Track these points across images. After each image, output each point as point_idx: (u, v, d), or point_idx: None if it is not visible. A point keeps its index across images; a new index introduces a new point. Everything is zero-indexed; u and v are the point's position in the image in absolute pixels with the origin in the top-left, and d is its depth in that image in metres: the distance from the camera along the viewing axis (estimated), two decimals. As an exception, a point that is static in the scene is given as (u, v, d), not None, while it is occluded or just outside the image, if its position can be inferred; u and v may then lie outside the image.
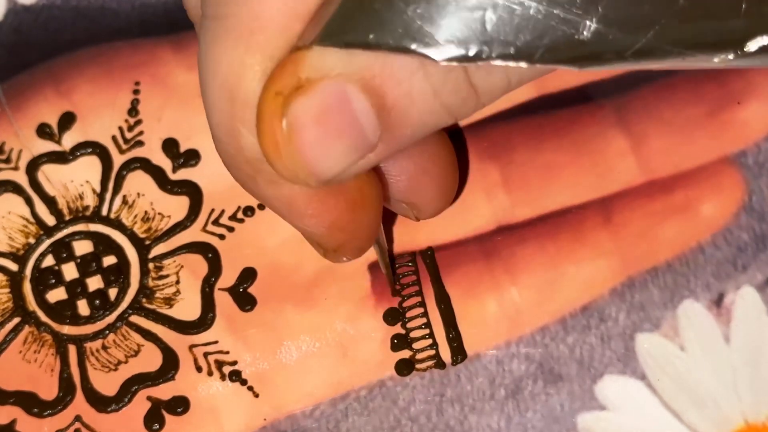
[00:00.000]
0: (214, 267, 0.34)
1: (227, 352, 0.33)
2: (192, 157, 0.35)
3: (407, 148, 0.27)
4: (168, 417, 0.33)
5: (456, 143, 0.35)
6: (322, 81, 0.24)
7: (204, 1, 0.26)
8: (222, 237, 0.34)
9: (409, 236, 0.34)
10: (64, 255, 0.34)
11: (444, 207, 0.33)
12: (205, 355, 0.33)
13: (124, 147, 0.35)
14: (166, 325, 0.34)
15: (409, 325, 0.33)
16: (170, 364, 0.33)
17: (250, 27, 0.25)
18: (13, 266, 0.34)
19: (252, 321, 0.33)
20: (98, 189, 0.35)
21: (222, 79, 0.26)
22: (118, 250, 0.34)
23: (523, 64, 0.23)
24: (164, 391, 0.33)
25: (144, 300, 0.34)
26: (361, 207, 0.29)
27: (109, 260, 0.34)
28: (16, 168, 0.35)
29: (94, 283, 0.34)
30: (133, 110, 0.36)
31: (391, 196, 0.31)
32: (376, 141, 0.25)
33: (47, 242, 0.35)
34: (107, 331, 0.34)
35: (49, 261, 0.34)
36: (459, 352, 0.33)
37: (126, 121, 0.36)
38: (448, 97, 0.25)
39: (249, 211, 0.34)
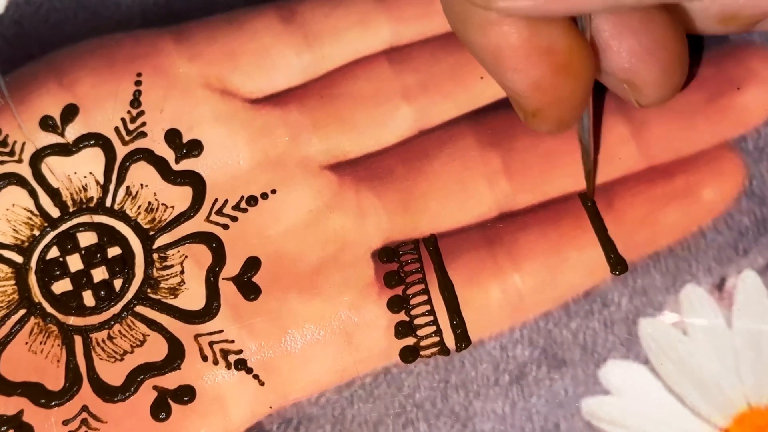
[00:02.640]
0: (219, 256, 0.34)
1: (232, 341, 0.33)
2: (194, 148, 0.35)
3: (613, 17, 0.27)
4: (174, 406, 0.33)
5: (457, 131, 0.35)
6: None
7: None
8: (226, 227, 0.35)
9: (412, 224, 0.34)
10: (69, 246, 0.35)
11: (668, 96, 0.32)
12: (211, 344, 0.33)
13: (127, 138, 0.35)
14: (171, 314, 0.34)
15: (413, 312, 0.33)
16: (176, 353, 0.33)
17: None
18: (19, 258, 0.35)
19: (257, 310, 0.34)
20: (102, 180, 0.35)
21: None
22: (122, 241, 0.35)
23: None
24: (170, 381, 0.33)
25: (149, 290, 0.34)
26: (566, 71, 0.29)
27: (113, 251, 0.35)
28: (19, 160, 0.35)
29: (99, 274, 0.34)
30: (135, 101, 0.36)
31: (611, 72, 0.31)
32: None
33: (52, 234, 0.35)
34: (113, 322, 0.34)
35: (53, 253, 0.35)
36: (463, 339, 0.33)
37: (128, 112, 0.36)
38: None
39: (252, 200, 0.35)
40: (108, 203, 0.35)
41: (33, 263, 0.35)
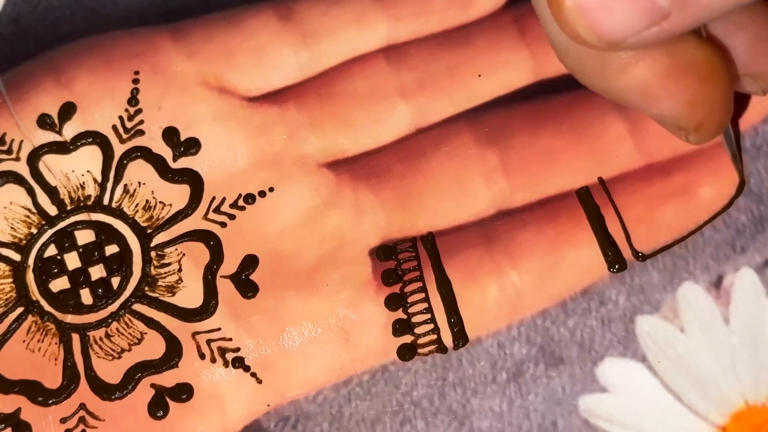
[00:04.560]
0: (216, 254, 0.34)
1: (230, 339, 0.33)
2: (192, 146, 0.35)
3: (720, 19, 0.28)
4: (172, 404, 0.33)
5: (454, 129, 0.35)
6: None
7: None
8: (223, 225, 0.35)
9: (409, 222, 0.34)
10: (67, 244, 0.35)
11: None
12: (208, 342, 0.33)
13: (125, 136, 0.35)
14: (168, 312, 0.34)
15: (411, 310, 0.33)
16: (173, 351, 0.33)
17: None
18: (16, 256, 0.35)
19: (254, 308, 0.34)
20: (99, 178, 0.35)
21: None
22: (120, 239, 0.35)
23: None
24: (168, 379, 0.33)
25: (146, 288, 0.34)
26: (712, 79, 0.29)
27: (111, 249, 0.35)
28: (17, 159, 0.35)
29: (97, 272, 0.34)
30: (133, 99, 0.36)
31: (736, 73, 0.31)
32: (668, 8, 0.26)
33: (49, 232, 0.35)
34: (110, 320, 0.34)
35: (51, 251, 0.35)
36: (460, 337, 0.33)
37: (126, 110, 0.36)
38: None
39: (250, 198, 0.35)
40: (106, 201, 0.35)
41: (31, 261, 0.35)
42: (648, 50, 0.28)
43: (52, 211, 0.35)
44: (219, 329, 0.33)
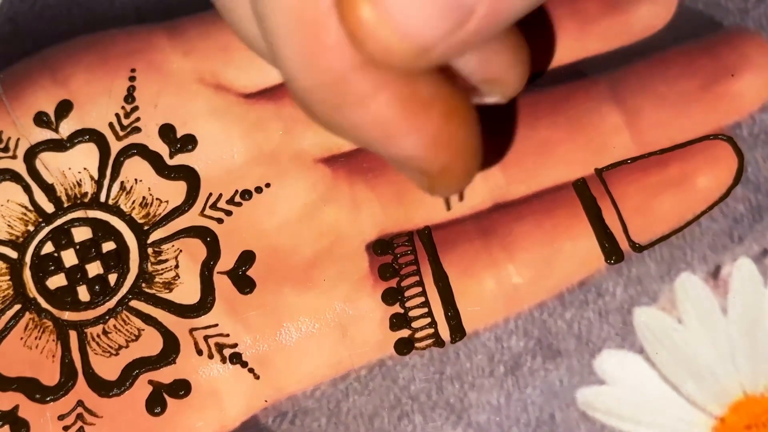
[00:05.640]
0: (213, 251, 0.34)
1: (227, 335, 0.33)
2: (188, 143, 0.35)
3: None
4: (169, 400, 0.33)
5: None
6: None
7: None
8: (220, 221, 0.35)
9: (406, 216, 0.34)
10: (64, 242, 0.35)
11: (525, 74, 0.29)
12: (206, 338, 0.33)
13: (121, 134, 0.35)
14: (166, 309, 0.34)
15: (408, 304, 0.33)
16: (171, 347, 0.33)
17: None
18: (13, 254, 0.35)
19: (251, 303, 0.34)
20: (96, 176, 0.35)
21: (288, 6, 0.24)
22: (117, 236, 0.35)
23: None
24: (165, 375, 0.33)
25: (143, 285, 0.34)
26: (457, 116, 0.26)
27: (108, 246, 0.35)
28: (14, 156, 0.35)
29: (94, 269, 0.34)
30: (129, 97, 0.36)
31: (472, 83, 0.29)
32: (472, 3, 0.23)
33: (46, 229, 0.35)
34: (107, 317, 0.34)
35: (48, 248, 0.35)
36: (458, 330, 0.33)
37: (123, 108, 0.36)
38: None
39: (246, 194, 0.35)
40: (102, 198, 0.35)
41: (28, 259, 0.35)
42: (387, 82, 0.25)
43: (49, 208, 0.35)
44: (216, 325, 0.33)
